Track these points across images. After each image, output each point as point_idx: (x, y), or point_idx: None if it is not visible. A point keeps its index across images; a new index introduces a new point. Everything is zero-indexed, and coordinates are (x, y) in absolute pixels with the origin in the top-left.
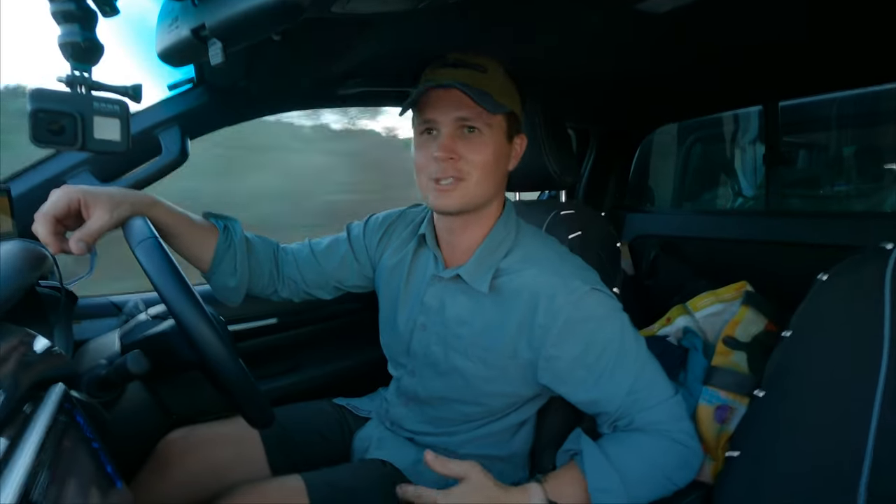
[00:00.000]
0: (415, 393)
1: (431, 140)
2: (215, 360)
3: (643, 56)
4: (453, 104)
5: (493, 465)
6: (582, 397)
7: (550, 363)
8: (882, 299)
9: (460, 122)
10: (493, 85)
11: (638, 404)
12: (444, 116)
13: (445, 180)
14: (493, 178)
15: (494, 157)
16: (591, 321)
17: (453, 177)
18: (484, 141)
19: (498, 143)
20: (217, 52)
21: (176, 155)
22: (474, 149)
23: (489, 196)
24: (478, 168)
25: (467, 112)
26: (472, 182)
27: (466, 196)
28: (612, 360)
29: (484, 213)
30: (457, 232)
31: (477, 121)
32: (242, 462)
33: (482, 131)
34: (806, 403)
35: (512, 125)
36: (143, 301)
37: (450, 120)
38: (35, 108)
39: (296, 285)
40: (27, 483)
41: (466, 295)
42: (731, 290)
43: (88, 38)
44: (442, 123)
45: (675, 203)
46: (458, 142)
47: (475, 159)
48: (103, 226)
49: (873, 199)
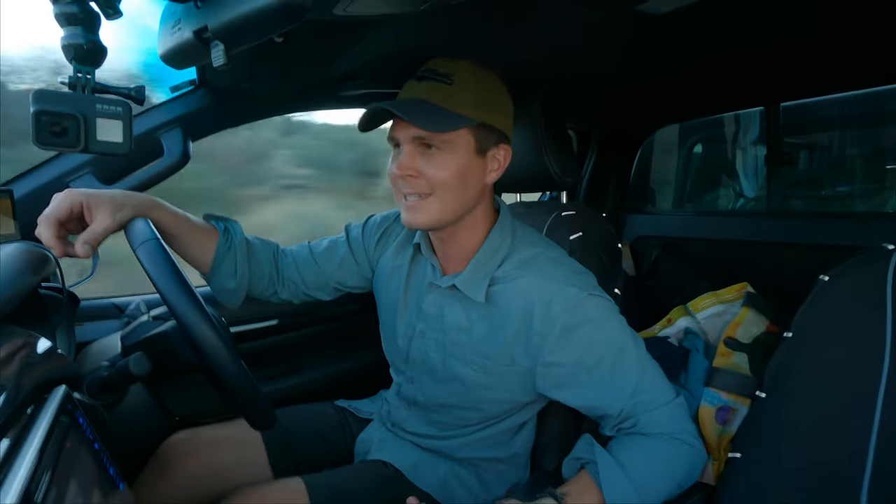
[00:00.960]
0: (414, 399)
1: (398, 155)
2: (217, 361)
3: (644, 57)
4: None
5: (494, 466)
6: (584, 402)
7: (549, 370)
8: (884, 300)
9: (417, 140)
10: (457, 97)
11: (641, 406)
12: (402, 134)
13: (411, 196)
14: (460, 194)
15: (459, 173)
16: (589, 325)
17: (417, 193)
18: (444, 157)
19: (463, 158)
20: (219, 54)
21: (178, 157)
22: (434, 165)
23: (460, 211)
24: (439, 185)
25: (421, 132)
26: (437, 199)
27: (432, 213)
28: (612, 362)
29: (467, 222)
30: (446, 241)
31: (433, 139)
32: (244, 464)
33: (441, 148)
34: (807, 404)
35: (485, 138)
36: (146, 302)
37: (408, 138)
38: (37, 109)
39: (295, 287)
40: (29, 484)
41: (463, 304)
42: (733, 291)
43: (91, 41)
44: (402, 140)
45: (677, 204)
46: (417, 159)
47: (435, 176)
48: (106, 229)
49: (875, 200)
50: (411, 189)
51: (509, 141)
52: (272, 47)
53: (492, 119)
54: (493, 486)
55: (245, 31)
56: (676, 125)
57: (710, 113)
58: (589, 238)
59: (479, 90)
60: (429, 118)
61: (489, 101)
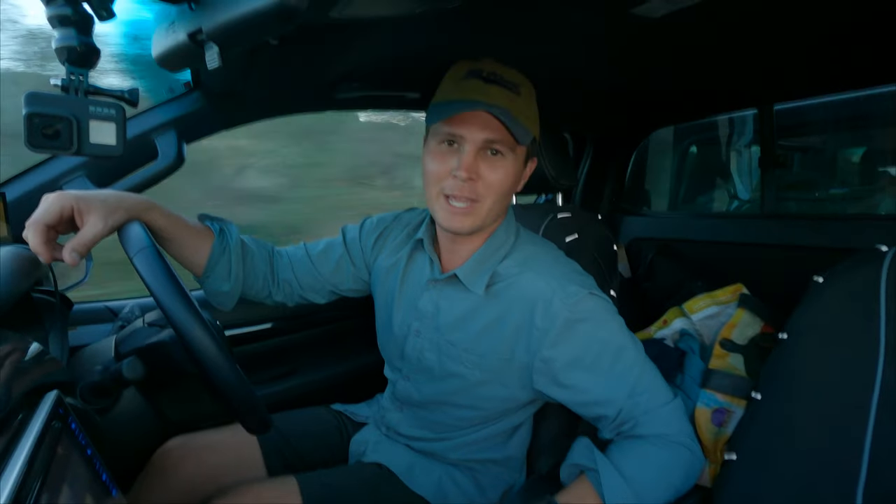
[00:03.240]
0: (409, 397)
1: (451, 153)
2: (214, 369)
3: (639, 60)
4: (483, 123)
5: (489, 468)
6: (581, 399)
7: (547, 365)
8: (878, 301)
9: (487, 144)
10: (524, 109)
11: (640, 407)
12: (472, 134)
13: (459, 202)
14: (505, 200)
15: (511, 181)
16: (588, 323)
17: (469, 198)
18: (505, 164)
19: (517, 167)
20: (214, 57)
21: (172, 159)
22: (495, 171)
23: (498, 216)
24: (494, 191)
25: (497, 135)
26: (486, 205)
27: (479, 219)
28: (611, 361)
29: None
30: (460, 241)
31: (503, 145)
32: (240, 468)
33: (505, 155)
34: (803, 405)
35: (530, 150)
36: (139, 306)
37: (478, 139)
38: (30, 111)
39: (291, 289)
40: (19, 490)
41: (461, 298)
42: (727, 292)
43: (85, 42)
44: (468, 141)
45: (672, 206)
46: (480, 162)
47: (493, 181)
48: (97, 234)
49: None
50: (464, 193)
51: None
52: (267, 49)
53: (536, 133)
54: (489, 489)
55: (240, 33)
56: (671, 128)
57: (705, 115)
58: (585, 240)
59: (533, 105)
60: (517, 129)
61: (536, 115)
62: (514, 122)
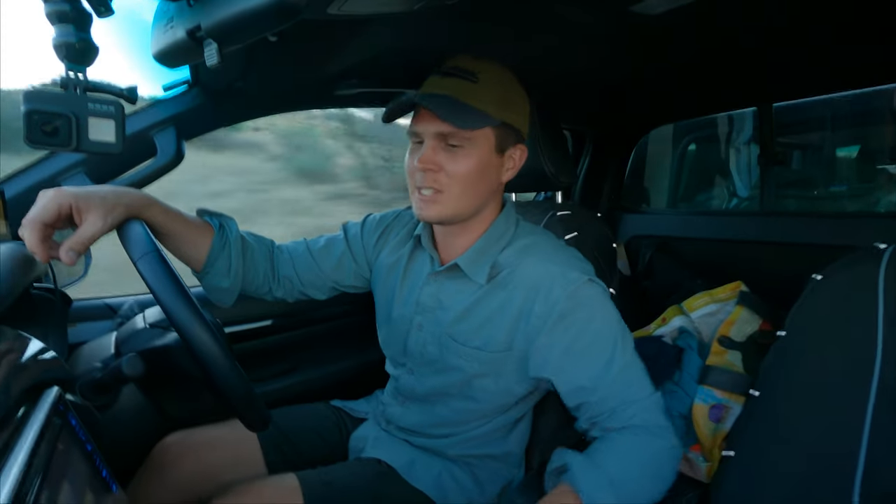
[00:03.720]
0: (412, 390)
1: (418, 149)
2: (215, 368)
3: (638, 57)
4: (435, 118)
5: (488, 464)
6: (567, 385)
7: (542, 351)
8: (876, 298)
9: (441, 137)
10: (481, 95)
11: (619, 397)
12: (426, 129)
13: (426, 190)
14: (475, 191)
15: (477, 170)
16: (585, 309)
17: (433, 188)
18: (466, 154)
19: (483, 156)
20: (213, 53)
21: (171, 156)
22: (455, 161)
23: (473, 208)
24: (457, 181)
25: (446, 128)
26: (452, 195)
27: (445, 209)
28: (600, 350)
29: (477, 219)
30: (453, 234)
31: (456, 137)
32: (239, 465)
33: (465, 146)
34: (801, 403)
35: (504, 137)
36: (138, 303)
37: (431, 133)
38: (29, 108)
39: (291, 285)
40: (20, 487)
41: (462, 290)
42: (726, 290)
43: (83, 39)
44: (425, 136)
45: (671, 204)
46: (440, 153)
47: (455, 172)
48: (96, 233)
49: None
50: (429, 183)
51: (525, 140)
52: (266, 46)
53: (512, 119)
54: (488, 484)
55: (239, 30)
56: (670, 125)
57: (704, 113)
58: (584, 238)
59: (501, 89)
60: (456, 115)
61: (510, 100)
62: (455, 109)
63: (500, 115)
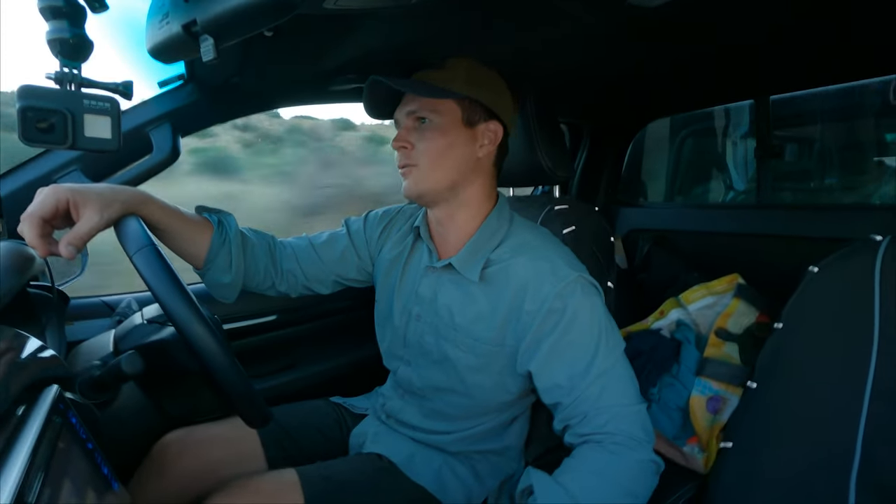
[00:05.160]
0: (410, 383)
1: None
2: (215, 365)
3: (635, 51)
4: (407, 101)
5: (488, 458)
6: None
7: (530, 347)
8: (872, 290)
9: (411, 115)
10: (444, 75)
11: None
12: (400, 113)
13: (404, 167)
14: (447, 164)
15: (446, 143)
16: (573, 308)
17: (407, 164)
18: (433, 128)
19: (451, 129)
20: (209, 49)
21: (167, 153)
22: (423, 137)
23: (448, 182)
24: (426, 154)
25: (415, 104)
26: (423, 168)
27: (419, 182)
28: (582, 349)
29: (463, 200)
30: (444, 223)
31: (424, 111)
32: (240, 461)
33: (432, 120)
34: (797, 394)
35: (472, 111)
36: (137, 301)
37: (403, 115)
38: (24, 105)
39: (295, 279)
40: (22, 486)
41: (458, 285)
42: (724, 282)
43: (77, 35)
44: (400, 118)
45: (668, 197)
46: (412, 133)
47: (424, 146)
48: (93, 228)
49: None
50: (404, 160)
51: (501, 119)
52: (262, 41)
53: (478, 94)
54: (487, 478)
55: (234, 25)
56: (668, 118)
57: (701, 106)
58: (582, 232)
59: (466, 72)
60: (417, 87)
61: (476, 79)
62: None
63: (463, 89)
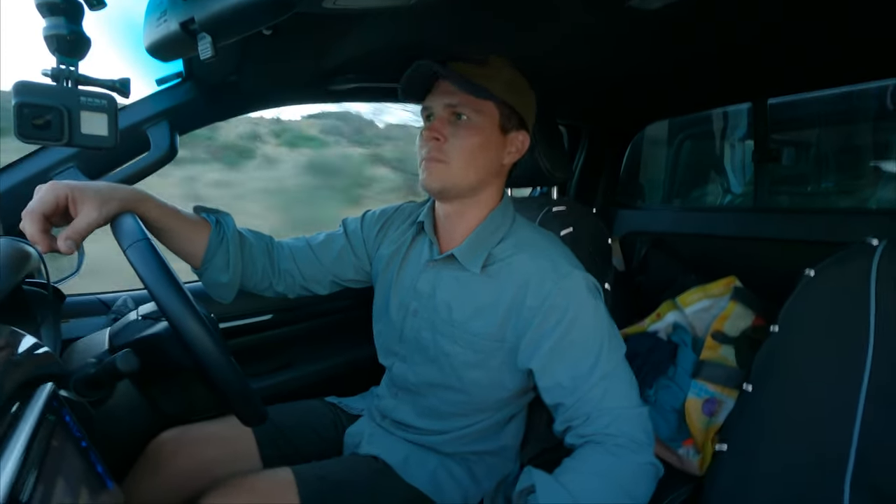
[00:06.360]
0: (405, 380)
1: (428, 126)
2: (210, 361)
3: (634, 53)
4: (446, 92)
5: (484, 459)
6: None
7: (531, 344)
8: (868, 294)
9: (450, 108)
10: (489, 74)
11: (596, 402)
12: (436, 102)
13: (432, 159)
14: (477, 164)
15: (481, 144)
16: (576, 306)
17: (437, 158)
18: (471, 126)
19: (487, 131)
20: (206, 47)
21: (165, 150)
22: (460, 133)
23: (473, 182)
24: (460, 151)
25: (456, 99)
26: (454, 165)
27: (447, 178)
28: (586, 349)
29: (478, 199)
30: (453, 217)
31: (465, 107)
32: (236, 460)
33: (470, 118)
34: (793, 397)
35: (508, 118)
36: (133, 299)
37: (440, 105)
38: (20, 101)
39: (293, 280)
40: (14, 484)
41: (458, 279)
42: (720, 285)
43: (74, 31)
44: (435, 108)
45: (666, 200)
46: (447, 126)
47: (458, 143)
48: (91, 223)
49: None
50: (432, 153)
51: (528, 130)
52: (261, 40)
53: (516, 102)
54: (484, 479)
55: (233, 23)
56: (666, 121)
57: (699, 109)
58: (579, 233)
59: (507, 76)
60: (463, 84)
61: (515, 86)
62: (467, 82)
63: (504, 95)
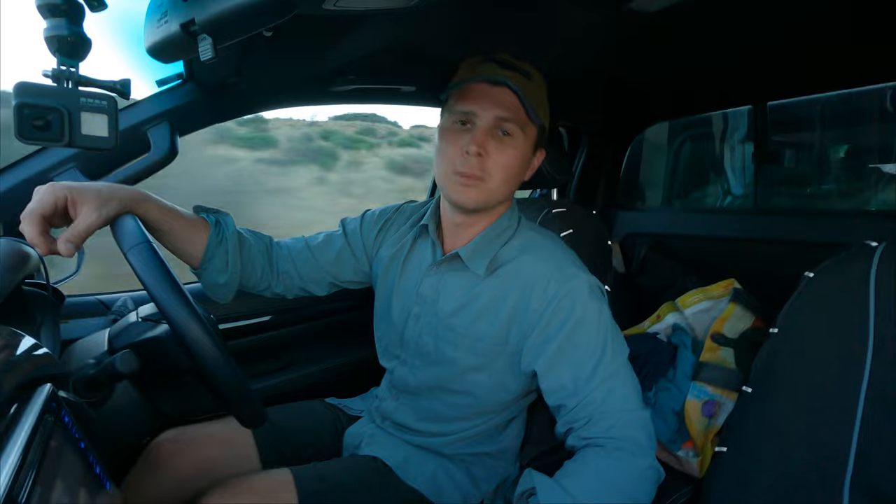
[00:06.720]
0: (406, 383)
1: (464, 132)
2: (210, 363)
3: (634, 55)
4: (496, 102)
5: (483, 461)
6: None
7: (535, 347)
8: (867, 296)
9: (498, 122)
10: (535, 94)
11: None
12: (484, 112)
13: (467, 175)
14: (511, 182)
15: (518, 163)
16: (580, 308)
17: (477, 175)
18: (514, 145)
19: (525, 150)
20: (207, 48)
21: (165, 152)
22: (504, 151)
23: (503, 199)
24: (501, 170)
25: (508, 113)
26: (493, 183)
27: (484, 195)
28: (589, 350)
29: (495, 211)
30: (463, 226)
31: (514, 124)
32: (234, 462)
33: (515, 136)
34: (792, 399)
35: (539, 138)
36: (132, 299)
37: (489, 116)
38: (20, 102)
39: (291, 280)
40: (12, 484)
41: (461, 282)
42: (720, 287)
43: (75, 33)
44: (480, 118)
45: (666, 201)
46: (490, 140)
47: (501, 161)
48: (91, 225)
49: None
50: (473, 169)
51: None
52: (261, 42)
53: (545, 122)
54: (483, 481)
55: (233, 24)
56: (666, 123)
57: (699, 111)
58: (579, 235)
59: (544, 93)
60: (529, 107)
61: (546, 105)
62: (529, 104)
63: (542, 116)
